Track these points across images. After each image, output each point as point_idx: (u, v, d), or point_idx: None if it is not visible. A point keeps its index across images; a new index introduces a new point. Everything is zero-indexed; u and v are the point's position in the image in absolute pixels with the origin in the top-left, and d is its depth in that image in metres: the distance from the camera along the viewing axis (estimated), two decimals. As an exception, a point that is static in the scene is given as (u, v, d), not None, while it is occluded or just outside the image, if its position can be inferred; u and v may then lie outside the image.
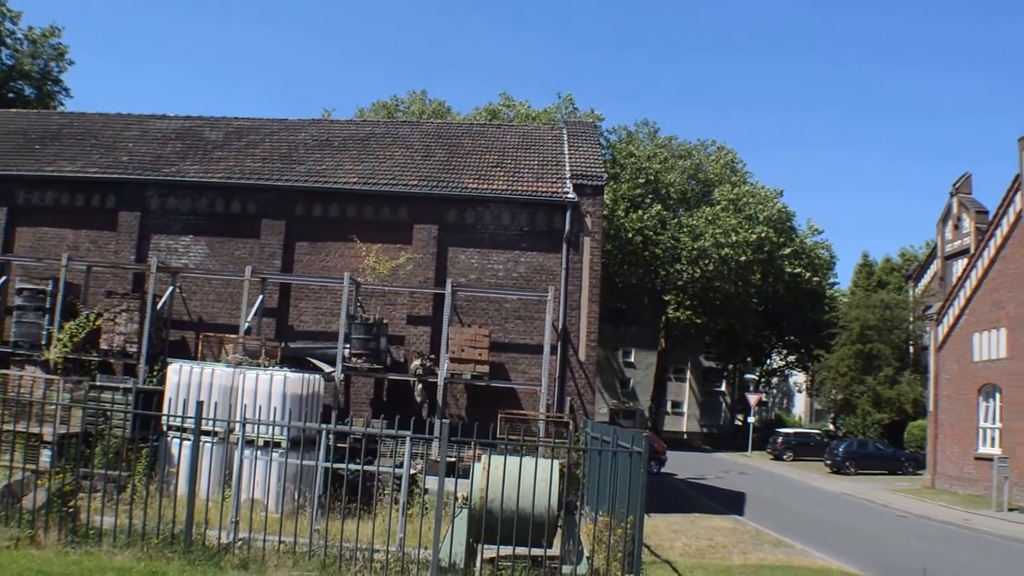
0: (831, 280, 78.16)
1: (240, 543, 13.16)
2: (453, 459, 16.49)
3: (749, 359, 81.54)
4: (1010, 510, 31.71)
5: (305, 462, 16.31)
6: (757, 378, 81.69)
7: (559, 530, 13.69)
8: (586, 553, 13.80)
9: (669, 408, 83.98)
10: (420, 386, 25.43)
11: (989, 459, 34.96)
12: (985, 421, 38.25)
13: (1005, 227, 36.87)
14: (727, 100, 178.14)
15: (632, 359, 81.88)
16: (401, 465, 14.25)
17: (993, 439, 37.39)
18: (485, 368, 24.95)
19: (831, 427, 73.20)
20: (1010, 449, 34.89)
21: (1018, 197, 35.77)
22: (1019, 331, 35.39)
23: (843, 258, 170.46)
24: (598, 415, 72.87)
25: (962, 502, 34.72)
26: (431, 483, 14.43)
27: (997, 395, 37.15)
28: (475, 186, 27.37)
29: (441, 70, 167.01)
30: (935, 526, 28.71)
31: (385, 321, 25.79)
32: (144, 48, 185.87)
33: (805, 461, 56.82)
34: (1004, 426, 36.28)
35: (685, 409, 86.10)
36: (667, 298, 66.26)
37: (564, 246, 26.70)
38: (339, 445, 17.19)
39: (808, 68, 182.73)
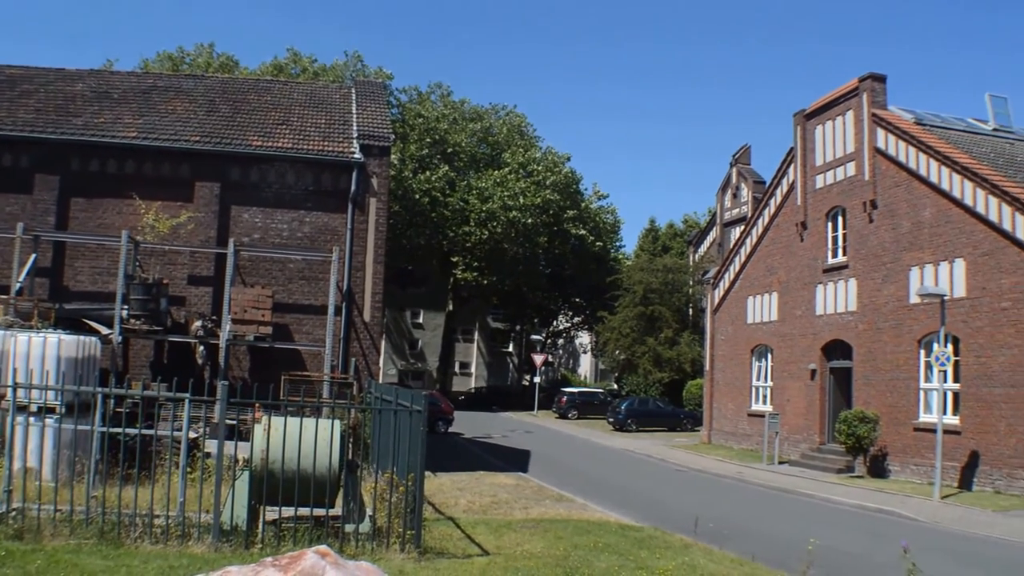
0: (617, 244, 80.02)
1: (14, 513, 12.68)
2: (234, 422, 16.25)
3: (536, 320, 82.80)
4: (780, 463, 33.36)
5: (81, 428, 15.82)
6: (544, 339, 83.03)
7: (342, 490, 13.71)
8: (369, 512, 13.87)
9: (457, 369, 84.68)
10: (202, 348, 24.94)
11: (761, 416, 36.68)
12: (757, 380, 40.06)
13: (779, 197, 38.52)
14: (521, 71, 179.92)
15: (421, 320, 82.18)
16: (181, 429, 14.00)
17: (765, 397, 39.21)
18: (268, 329, 24.62)
19: (615, 386, 75.07)
20: (780, 406, 36.69)
21: (791, 169, 37.39)
22: (789, 296, 37.13)
23: (633, 223, 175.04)
24: (387, 376, 73.05)
25: (737, 456, 36.28)
26: (214, 446, 14.23)
27: (768, 355, 38.92)
28: (260, 144, 26.84)
29: (232, 22, 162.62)
30: (710, 479, 29.91)
31: (165, 281, 25.12)
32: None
33: (589, 419, 58.24)
34: (775, 385, 38.07)
35: (473, 370, 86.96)
36: (455, 260, 66.62)
37: (350, 206, 26.51)
38: (118, 410, 16.73)
39: (600, 44, 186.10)
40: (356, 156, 26.65)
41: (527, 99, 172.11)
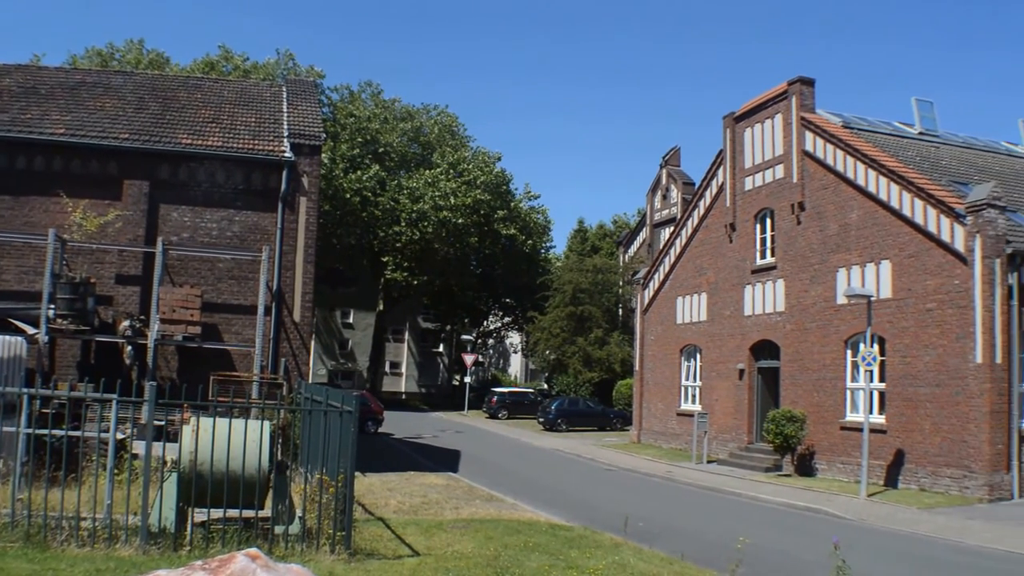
0: (548, 244, 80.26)
1: (-63, 516, 12.51)
2: (162, 423, 16.10)
3: (467, 320, 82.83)
4: (709, 462, 33.75)
5: (6, 429, 15.59)
6: (474, 339, 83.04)
7: (271, 491, 13.67)
8: (299, 513, 13.84)
9: (388, 369, 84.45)
10: (130, 348, 24.62)
11: (690, 415, 37.06)
12: (687, 380, 40.45)
13: (708, 198, 38.93)
14: (452, 70, 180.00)
15: (351, 320, 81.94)
16: (108, 430, 13.87)
17: (694, 396, 39.61)
18: (197, 329, 24.37)
19: (545, 386, 75.30)
20: (709, 406, 37.09)
21: (720, 171, 37.84)
22: (718, 296, 37.56)
23: (564, 223, 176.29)
24: (317, 376, 72.73)
25: (666, 455, 36.61)
26: (141, 447, 14.10)
27: (698, 355, 39.32)
28: (189, 142, 26.54)
29: (163, 18, 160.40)
30: (640, 478, 30.15)
31: (92, 280, 24.71)
32: None
33: (520, 419, 58.38)
34: (703, 384, 38.48)
35: (404, 370, 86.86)
36: (385, 259, 66.37)
37: (280, 206, 26.31)
38: (44, 411, 16.50)
39: (531, 43, 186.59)
40: (287, 155, 26.49)
41: (458, 99, 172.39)
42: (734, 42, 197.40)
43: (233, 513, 12.88)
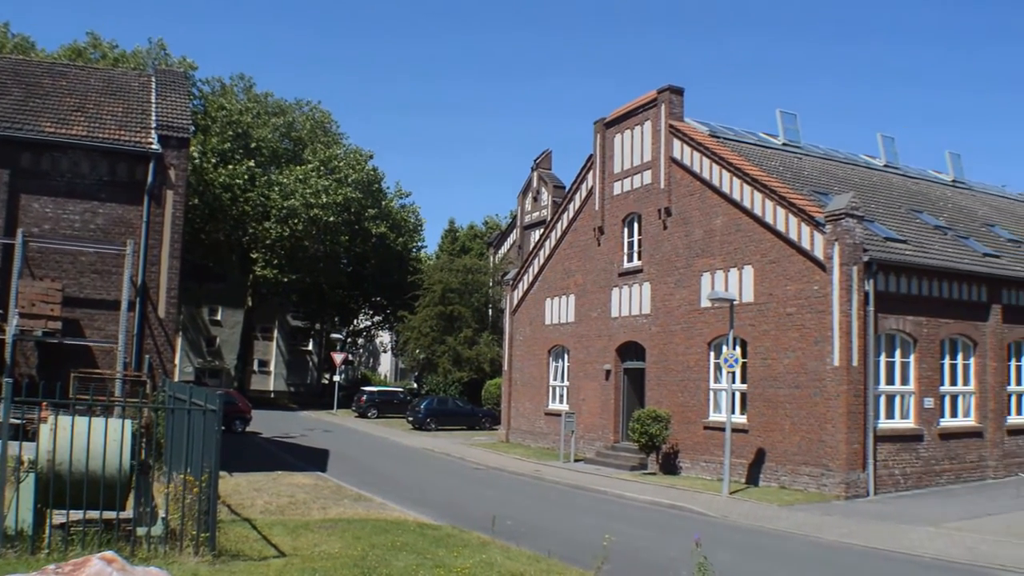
0: (419, 244, 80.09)
1: None
2: (20, 421, 15.62)
3: (336, 319, 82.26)
4: (576, 461, 34.05)
5: None
6: (344, 338, 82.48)
7: (133, 492, 13.36)
8: (162, 514, 13.56)
9: (256, 367, 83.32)
10: (-14, 343, 23.88)
11: (558, 415, 37.32)
12: (555, 380, 40.75)
13: (578, 202, 39.27)
14: (323, 66, 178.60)
15: (219, 317, 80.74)
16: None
17: (562, 396, 39.92)
18: (58, 324, 23.74)
19: (415, 385, 75.22)
20: (576, 405, 37.43)
21: (590, 175, 38.23)
22: (585, 298, 37.92)
23: (434, 223, 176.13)
24: (184, 374, 71.51)
25: (534, 454, 36.81)
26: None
27: (565, 356, 39.64)
28: (53, 130, 25.79)
29: (30, 1, 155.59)
30: (508, 477, 30.27)
31: (-53, 273, 23.97)
32: None
33: (389, 418, 58.17)
34: (571, 384, 38.81)
35: (272, 368, 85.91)
36: (255, 256, 65.46)
37: (146, 198, 25.74)
38: None
39: (406, 39, 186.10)
40: (153, 147, 25.94)
41: (329, 95, 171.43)
42: (607, 41, 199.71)
43: (94, 515, 12.56)
